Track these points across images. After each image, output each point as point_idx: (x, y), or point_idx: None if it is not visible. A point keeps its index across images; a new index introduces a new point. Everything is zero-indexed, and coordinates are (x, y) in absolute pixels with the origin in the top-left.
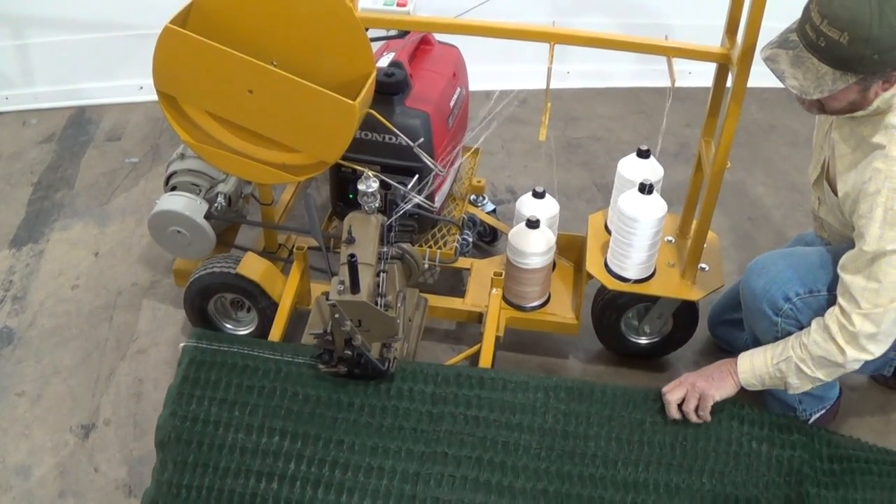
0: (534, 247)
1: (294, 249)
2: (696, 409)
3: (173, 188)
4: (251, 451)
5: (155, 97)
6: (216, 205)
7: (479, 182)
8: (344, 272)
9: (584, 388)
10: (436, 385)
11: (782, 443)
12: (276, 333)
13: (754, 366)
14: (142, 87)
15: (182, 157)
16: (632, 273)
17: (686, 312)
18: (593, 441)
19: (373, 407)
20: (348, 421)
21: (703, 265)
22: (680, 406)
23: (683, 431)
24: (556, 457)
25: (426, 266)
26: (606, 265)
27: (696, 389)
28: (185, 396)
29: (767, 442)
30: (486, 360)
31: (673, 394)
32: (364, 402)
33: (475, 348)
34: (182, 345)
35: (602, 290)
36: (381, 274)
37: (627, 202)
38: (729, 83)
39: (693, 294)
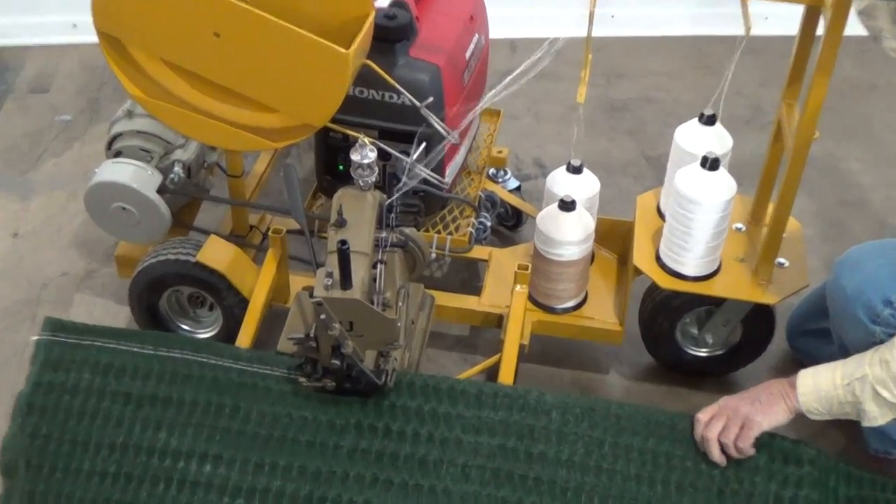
0: (568, 234)
1: (269, 233)
2: (736, 441)
3: (117, 154)
4: (138, 478)
5: (94, 39)
6: (172, 176)
7: (500, 153)
8: (332, 262)
9: (626, 414)
10: (443, 404)
11: (784, 478)
12: (245, 337)
13: (819, 386)
14: (76, 26)
15: (129, 115)
16: (691, 269)
17: (759, 319)
18: (634, 482)
19: (361, 428)
20: (327, 446)
21: (782, 260)
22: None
23: (734, 473)
24: (585, 499)
25: (433, 256)
26: (659, 258)
27: (738, 415)
28: (37, 409)
29: (764, 474)
30: (506, 375)
31: (711, 425)
32: (350, 422)
33: (493, 359)
34: (34, 338)
35: (653, 289)
36: (379, 265)
37: (686, 180)
38: (820, 31)
39: (768, 296)
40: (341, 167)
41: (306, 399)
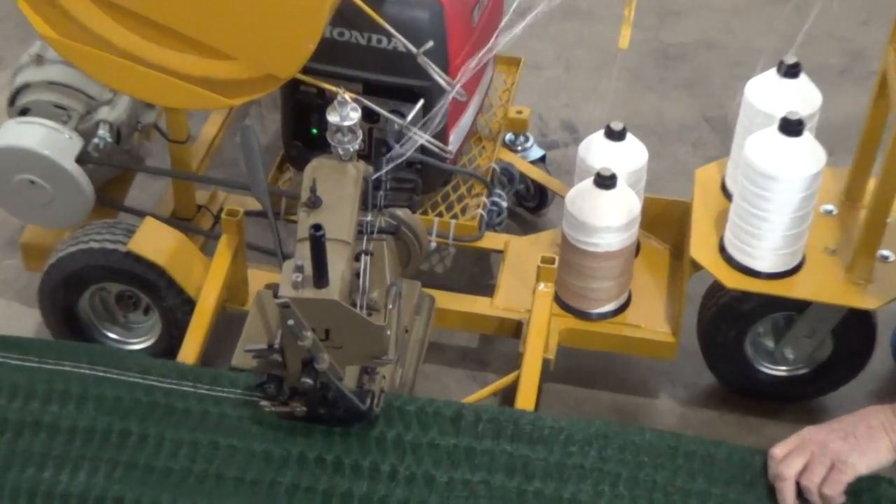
0: (606, 217)
1: (222, 215)
2: (822, 486)
3: (24, 112)
4: None
5: None
6: (96, 141)
7: (519, 113)
8: (303, 253)
9: (682, 450)
10: (445, 435)
11: None
12: (190, 350)
13: None
14: None
15: (38, 61)
16: (765, 263)
17: (854, 329)
18: None
19: (340, 466)
20: (296, 489)
21: (886, 252)
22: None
23: None
24: None
25: (433, 245)
26: (724, 249)
27: (826, 453)
28: None
29: None
30: (526, 399)
31: (789, 461)
32: (325, 458)
33: (509, 378)
34: None
35: (715, 289)
36: (363, 257)
37: (760, 149)
38: None
39: (867, 299)
40: (315, 131)
41: (267, 429)
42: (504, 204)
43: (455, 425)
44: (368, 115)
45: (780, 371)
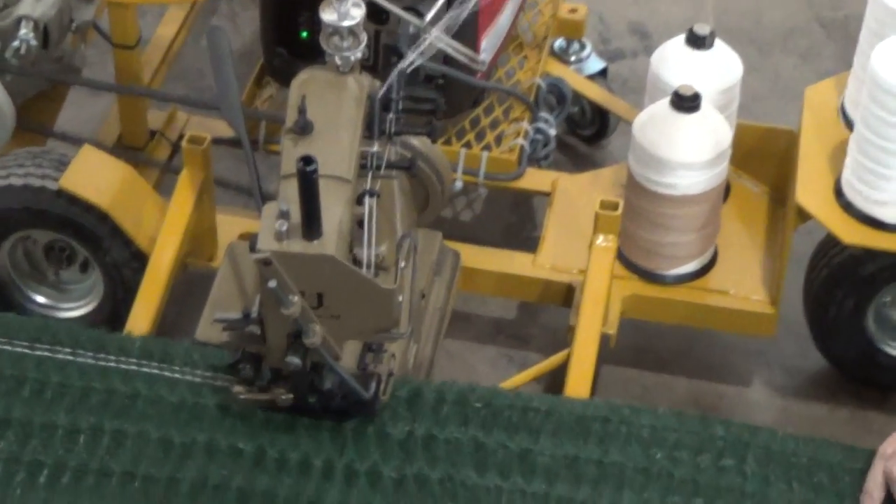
0: (686, 150)
1: (184, 143)
2: None
3: None
4: None
5: None
6: (16, 44)
7: (573, 12)
8: (289, 194)
9: (778, 450)
10: (469, 430)
11: None
12: (140, 318)
13: None
14: None
15: None
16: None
17: None
18: None
19: (331, 470)
20: (272, 499)
21: None
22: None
23: None
24: None
25: (459, 185)
26: (841, 194)
27: None
28: None
29: None
30: (578, 385)
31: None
32: (312, 462)
33: (556, 359)
34: None
35: (829, 245)
36: (368, 200)
37: (893, 60)
38: None
39: None
40: (305, 34)
41: (239, 422)
42: (552, 132)
43: (484, 418)
44: (375, 14)
45: None
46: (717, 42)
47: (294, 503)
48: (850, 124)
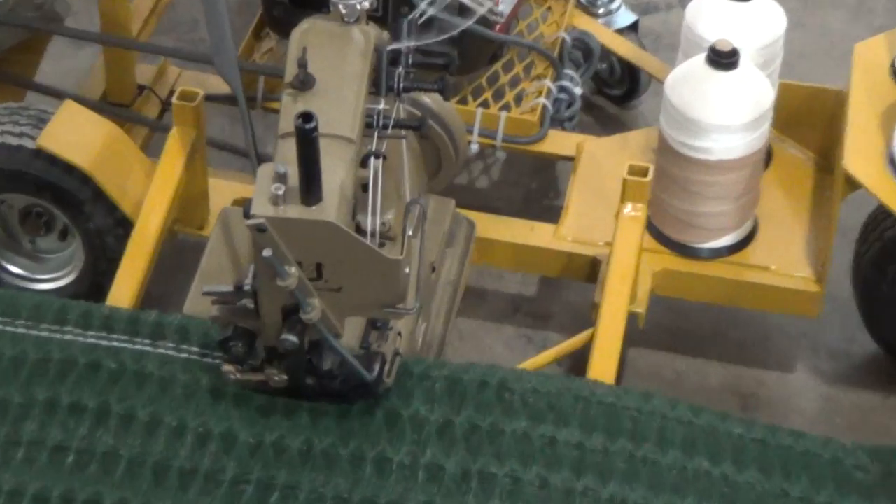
0: (723, 111)
1: (174, 100)
2: None
3: None
4: None
5: None
6: None
7: None
8: (286, 154)
9: (823, 456)
10: (485, 414)
11: None
12: (124, 290)
13: None
14: None
15: None
16: None
17: None
18: None
19: (334, 459)
20: (269, 489)
21: None
22: None
23: None
24: None
25: (475, 148)
26: (893, 160)
27: None
28: None
29: None
30: (602, 368)
31: None
32: (313, 447)
33: (579, 339)
34: None
35: (881, 217)
36: (374, 162)
37: None
38: None
39: None
40: None
41: (231, 404)
42: (577, 90)
43: (501, 401)
44: None
45: None
46: None
47: (292, 496)
48: None
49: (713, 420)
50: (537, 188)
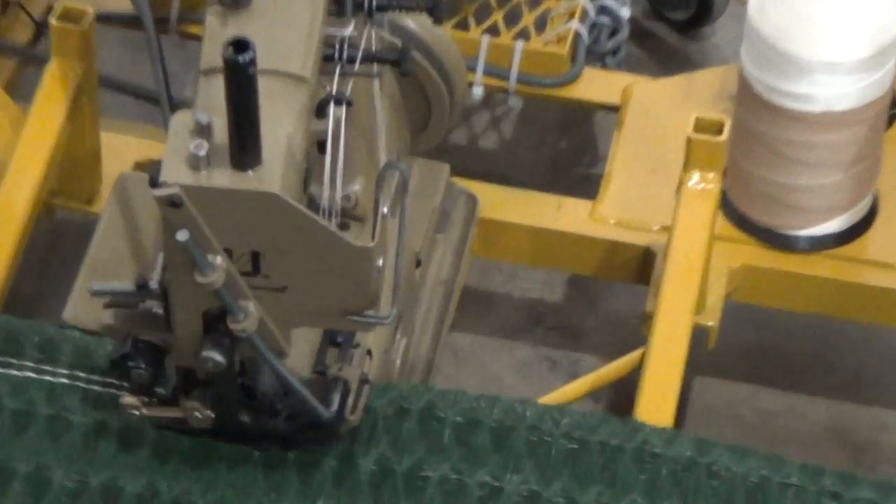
0: (831, 44)
1: (51, 20)
2: None
3: None
4: None
5: None
6: None
7: None
8: (212, 97)
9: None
10: (486, 468)
11: None
12: None
13: None
14: None
15: None
16: None
17: None
18: None
19: None
20: None
21: None
22: None
23: None
24: None
25: (478, 92)
26: None
27: None
28: None
29: None
30: (657, 405)
31: None
32: None
33: (624, 364)
34: None
35: None
36: (335, 109)
37: None
38: None
39: None
40: None
41: (129, 453)
42: (623, 12)
43: (503, 449)
44: None
45: None
46: None
47: None
48: None
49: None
50: (567, 150)
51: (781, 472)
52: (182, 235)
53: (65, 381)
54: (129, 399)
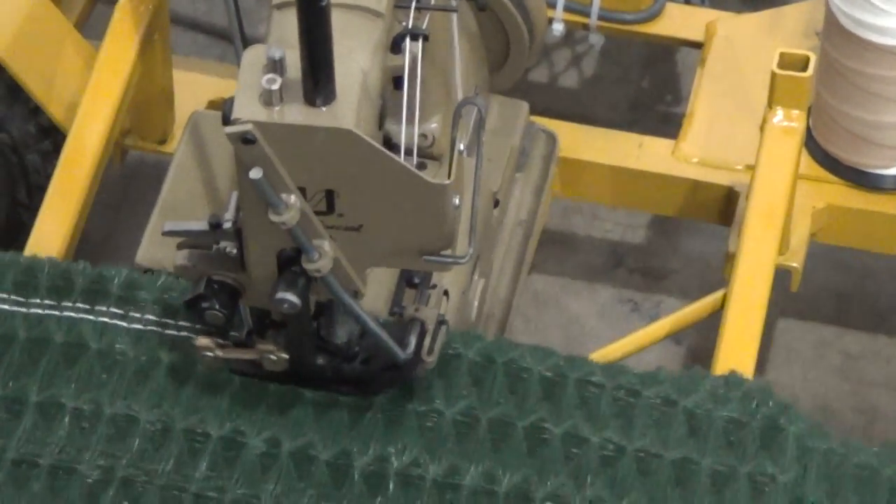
0: None
1: None
2: None
3: None
4: None
5: None
6: None
7: None
8: (285, 32)
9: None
10: (567, 417)
11: None
12: (52, 230)
13: None
14: None
15: None
16: None
17: None
18: None
19: (345, 472)
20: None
21: None
22: None
23: None
24: None
25: (559, 29)
26: None
27: None
28: None
29: None
30: (739, 350)
31: None
32: (317, 455)
33: (706, 304)
34: None
35: None
36: (410, 45)
37: None
38: None
39: None
40: None
41: (207, 393)
42: None
43: (584, 400)
44: None
45: None
46: None
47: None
48: None
49: None
50: (649, 89)
51: (583, 369)
52: (255, 173)
53: (119, 321)
54: (203, 340)
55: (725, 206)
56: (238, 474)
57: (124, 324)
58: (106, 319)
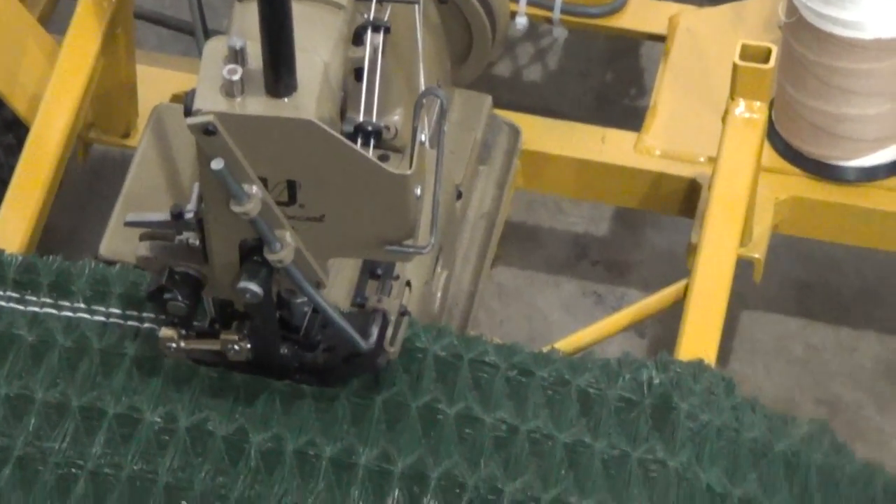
0: None
1: None
2: None
3: None
4: None
5: None
6: None
7: None
8: (246, 23)
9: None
10: (528, 416)
11: None
12: (15, 224)
13: None
14: None
15: None
16: None
17: None
18: None
19: (313, 461)
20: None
21: None
22: None
23: None
24: None
25: (522, 22)
26: None
27: None
28: None
29: None
30: (700, 339)
31: None
32: (281, 447)
33: (668, 295)
34: None
35: None
36: (372, 37)
37: None
38: None
39: None
40: None
41: (167, 386)
42: None
43: (478, 380)
44: None
45: None
46: None
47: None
48: None
49: None
50: (612, 82)
51: (476, 349)
52: (217, 164)
53: (83, 315)
54: (166, 331)
55: (688, 199)
56: (209, 464)
57: (88, 316)
58: (70, 314)
